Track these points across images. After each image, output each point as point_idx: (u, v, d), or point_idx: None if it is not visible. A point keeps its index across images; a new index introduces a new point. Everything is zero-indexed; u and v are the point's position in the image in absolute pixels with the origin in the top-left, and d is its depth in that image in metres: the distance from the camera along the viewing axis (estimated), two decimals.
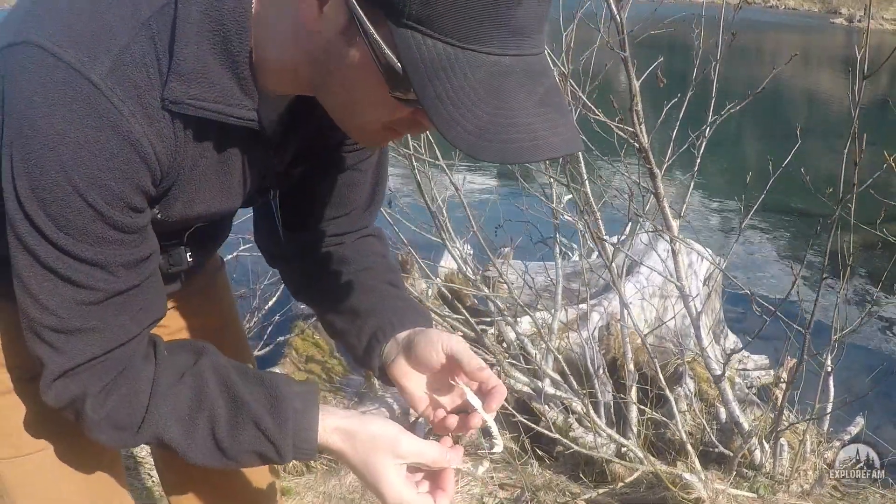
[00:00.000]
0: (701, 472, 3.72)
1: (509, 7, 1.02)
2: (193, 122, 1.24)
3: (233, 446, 1.37)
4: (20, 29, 1.15)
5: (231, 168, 1.37)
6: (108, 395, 1.30)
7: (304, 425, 1.38)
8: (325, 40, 1.14)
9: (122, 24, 1.15)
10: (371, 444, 1.37)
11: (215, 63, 1.20)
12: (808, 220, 11.35)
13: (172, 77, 1.17)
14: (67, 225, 1.17)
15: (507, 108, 1.06)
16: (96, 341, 1.27)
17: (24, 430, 1.52)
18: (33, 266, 1.20)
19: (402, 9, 1.02)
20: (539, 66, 1.11)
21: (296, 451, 1.38)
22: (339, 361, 7.10)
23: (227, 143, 1.32)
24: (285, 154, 1.50)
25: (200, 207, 1.39)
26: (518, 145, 1.06)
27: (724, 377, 4.04)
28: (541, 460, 4.61)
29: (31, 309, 1.23)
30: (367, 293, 1.68)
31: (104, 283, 1.24)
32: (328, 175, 1.65)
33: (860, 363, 6.87)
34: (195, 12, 1.16)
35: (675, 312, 5.85)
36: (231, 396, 1.37)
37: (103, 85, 1.12)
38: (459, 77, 1.04)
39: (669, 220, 3.82)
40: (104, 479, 1.68)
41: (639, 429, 4.62)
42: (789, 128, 16.94)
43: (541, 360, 4.72)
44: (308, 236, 1.74)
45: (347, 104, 1.23)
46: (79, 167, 1.13)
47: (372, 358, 1.60)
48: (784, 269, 10.09)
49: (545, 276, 6.54)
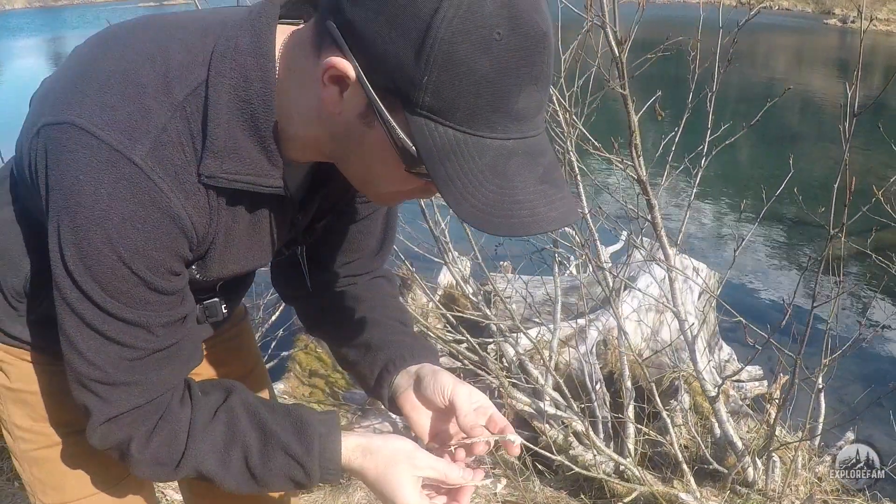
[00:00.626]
0: (696, 491, 3.84)
1: (511, 97, 1.12)
2: (227, 193, 1.33)
3: (265, 474, 1.46)
4: (61, 108, 1.25)
5: (261, 229, 1.46)
6: (150, 437, 1.40)
7: (328, 447, 1.47)
8: (346, 121, 1.23)
9: (159, 106, 1.23)
10: (390, 457, 1.47)
11: (245, 139, 1.29)
12: (802, 229, 11.43)
13: (207, 154, 1.27)
14: (113, 290, 1.26)
15: (511, 187, 1.16)
16: (139, 392, 1.37)
17: (69, 480, 1.64)
18: (80, 326, 1.30)
19: (417, 100, 1.11)
20: (539, 146, 1.21)
21: (322, 471, 1.46)
22: (342, 375, 7.18)
23: (258, 207, 1.41)
24: (310, 212, 1.59)
25: (235, 266, 1.49)
26: (520, 220, 1.16)
27: (719, 398, 4.16)
28: (541, 475, 4.70)
29: (78, 364, 1.33)
30: (379, 328, 1.77)
31: (145, 342, 1.34)
32: (344, 225, 1.75)
33: (849, 374, 6.97)
34: (225, 93, 1.26)
35: (670, 330, 5.94)
36: (261, 429, 1.47)
37: (144, 165, 1.21)
38: (468, 160, 1.14)
39: (667, 248, 3.95)
40: None
41: (635, 446, 4.72)
42: (783, 132, 17.01)
43: (541, 379, 4.82)
44: (323, 277, 1.83)
45: (366, 176, 1.33)
46: (123, 239, 1.23)
47: (382, 388, 1.68)
48: (778, 281, 10.18)
49: (543, 290, 6.63)
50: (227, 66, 1.26)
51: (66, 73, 1.32)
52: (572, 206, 1.24)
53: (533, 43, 1.12)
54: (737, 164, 14.25)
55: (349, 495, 4.20)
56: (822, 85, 26.01)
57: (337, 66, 1.16)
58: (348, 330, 1.79)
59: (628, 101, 3.59)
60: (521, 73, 1.12)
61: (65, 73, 1.33)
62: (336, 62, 1.16)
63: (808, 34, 43.46)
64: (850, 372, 6.92)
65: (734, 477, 4.20)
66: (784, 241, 11.44)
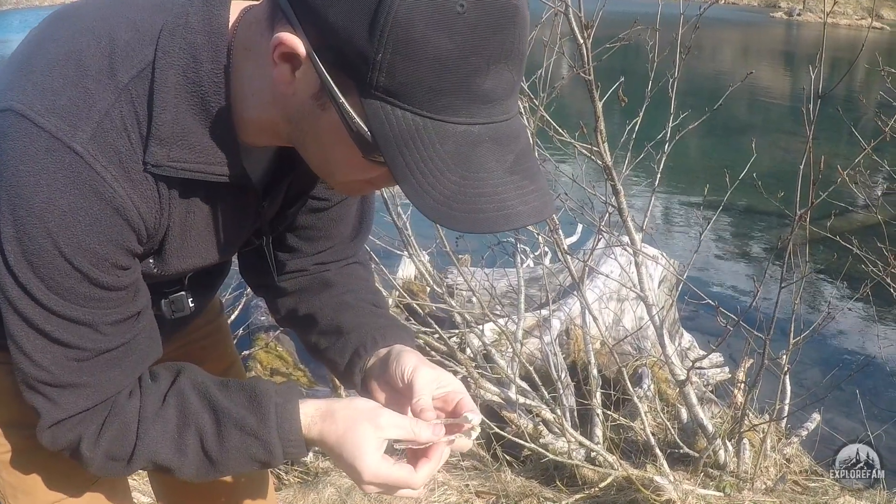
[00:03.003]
0: (670, 475, 3.85)
1: (477, 77, 1.04)
2: (178, 181, 1.26)
3: (222, 455, 1.37)
4: (4, 93, 1.18)
5: (223, 220, 1.39)
6: (100, 434, 1.33)
7: (286, 416, 1.37)
8: (299, 102, 1.16)
9: (102, 90, 1.16)
10: (351, 416, 1.35)
11: (195, 124, 1.22)
12: (756, 218, 11.55)
13: (153, 141, 1.19)
14: (55, 286, 1.19)
15: (476, 177, 1.08)
16: (88, 395, 1.30)
17: (40, 484, 1.56)
18: (24, 326, 1.23)
19: (371, 80, 1.04)
20: (510, 130, 1.12)
21: (284, 443, 1.36)
22: (304, 373, 7.13)
23: (216, 196, 1.34)
24: (277, 199, 1.51)
25: (196, 259, 1.41)
26: (486, 215, 1.09)
27: (689, 382, 4.17)
28: (510, 465, 4.69)
29: (25, 365, 1.26)
30: (350, 312, 1.68)
31: (92, 342, 1.26)
32: (315, 212, 1.66)
33: (807, 358, 7.05)
34: (172, 76, 1.18)
35: (635, 317, 5.98)
36: (213, 407, 1.38)
37: (85, 153, 1.14)
38: (428, 147, 1.06)
39: (633, 234, 3.95)
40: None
41: (604, 433, 4.73)
42: (731, 122, 17.18)
43: (508, 368, 4.82)
44: (295, 265, 1.74)
45: (325, 162, 1.25)
46: (64, 233, 1.15)
47: (353, 374, 1.58)
48: (734, 269, 10.27)
49: (505, 282, 6.64)
50: (175, 45, 1.19)
51: (15, 56, 1.26)
52: (547, 200, 1.16)
53: (502, 16, 1.04)
54: (687, 156, 14.35)
55: (319, 491, 4.15)
56: (769, 76, 26.33)
57: (286, 42, 1.09)
58: (319, 316, 1.71)
59: (592, 86, 3.58)
60: (488, 51, 1.04)
61: (14, 56, 1.26)
62: (285, 37, 1.09)
63: (755, 27, 44.00)
64: (807, 356, 6.98)
65: (705, 460, 4.21)
66: (739, 230, 11.55)
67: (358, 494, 3.96)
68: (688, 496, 3.65)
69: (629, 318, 6.65)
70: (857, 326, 8.17)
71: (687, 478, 4.10)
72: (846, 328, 8.03)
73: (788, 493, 4.07)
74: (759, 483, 4.11)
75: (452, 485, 4.07)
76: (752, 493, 3.92)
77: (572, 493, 4.00)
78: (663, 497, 3.60)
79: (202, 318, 1.92)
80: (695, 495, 3.69)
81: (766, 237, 11.20)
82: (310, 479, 4.45)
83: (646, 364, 5.79)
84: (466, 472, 4.30)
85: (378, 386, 1.51)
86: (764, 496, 3.88)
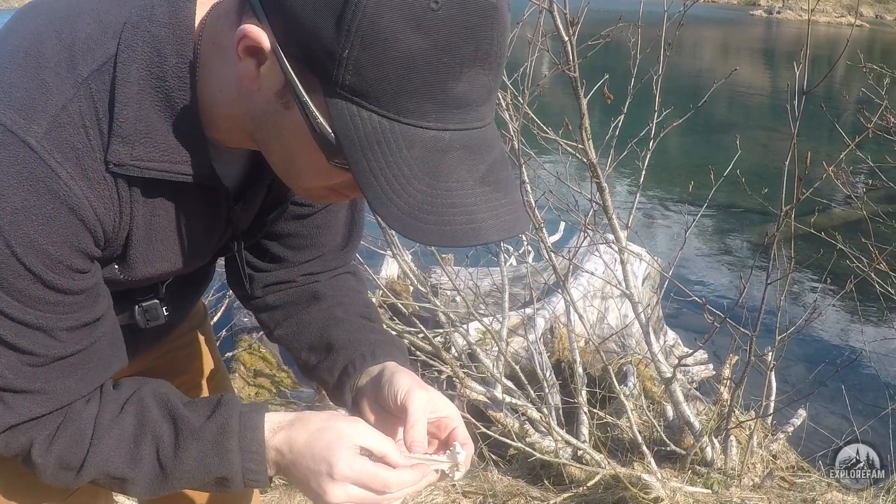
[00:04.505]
0: (657, 472, 3.84)
1: (450, 80, 0.99)
2: (140, 182, 1.20)
3: (176, 465, 1.27)
4: None
5: (191, 224, 1.32)
6: (53, 440, 1.25)
7: (249, 424, 1.28)
8: (264, 100, 1.11)
9: (60, 84, 1.11)
10: (326, 418, 1.28)
11: (159, 121, 1.16)
12: (739, 215, 11.56)
13: (115, 140, 1.13)
14: (8, 287, 1.13)
15: (444, 187, 1.03)
16: (42, 401, 1.23)
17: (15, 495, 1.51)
18: None
19: (336, 78, 0.99)
20: (484, 139, 1.07)
21: (243, 454, 1.27)
22: (287, 374, 7.11)
23: (183, 199, 1.27)
24: (254, 204, 1.45)
25: (164, 265, 1.34)
26: (453, 228, 1.03)
27: (675, 380, 4.17)
28: (496, 465, 4.68)
29: None
30: (341, 327, 1.59)
31: (46, 348, 1.19)
32: (298, 219, 1.58)
33: (795, 353, 7.07)
34: (135, 70, 1.13)
35: (619, 315, 5.97)
36: (173, 417, 1.30)
37: (40, 148, 1.09)
38: (395, 152, 1.01)
39: (618, 231, 3.94)
40: None
41: (590, 431, 4.72)
42: (711, 120, 17.25)
43: (493, 367, 4.80)
44: (282, 276, 1.65)
45: (288, 166, 1.20)
46: (16, 232, 1.09)
47: (343, 392, 1.50)
48: (720, 265, 10.29)
49: (489, 281, 6.63)
50: (139, 38, 1.13)
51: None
52: (520, 215, 1.10)
53: (479, 16, 0.98)
54: (668, 153, 14.37)
55: None
56: (749, 74, 26.44)
57: (250, 35, 1.04)
58: (308, 332, 1.63)
59: (577, 83, 3.56)
60: (462, 52, 0.98)
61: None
62: (249, 30, 1.04)
63: (735, 25, 44.20)
64: (791, 352, 7.00)
65: (692, 457, 4.21)
66: (720, 227, 11.58)
67: None
68: (676, 493, 3.64)
69: (613, 315, 6.64)
70: (841, 322, 8.21)
71: (674, 475, 4.10)
72: (829, 324, 8.06)
73: (776, 490, 4.07)
74: (746, 480, 4.11)
75: (439, 485, 4.04)
76: (740, 489, 3.92)
77: (560, 491, 3.99)
78: (651, 495, 3.59)
79: (185, 325, 1.86)
80: (683, 493, 3.68)
81: (748, 234, 11.24)
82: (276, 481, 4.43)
83: (631, 362, 5.79)
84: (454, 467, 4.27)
85: (370, 406, 1.44)
86: (752, 493, 3.87)
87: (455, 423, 1.35)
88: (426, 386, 1.37)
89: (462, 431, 1.35)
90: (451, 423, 1.35)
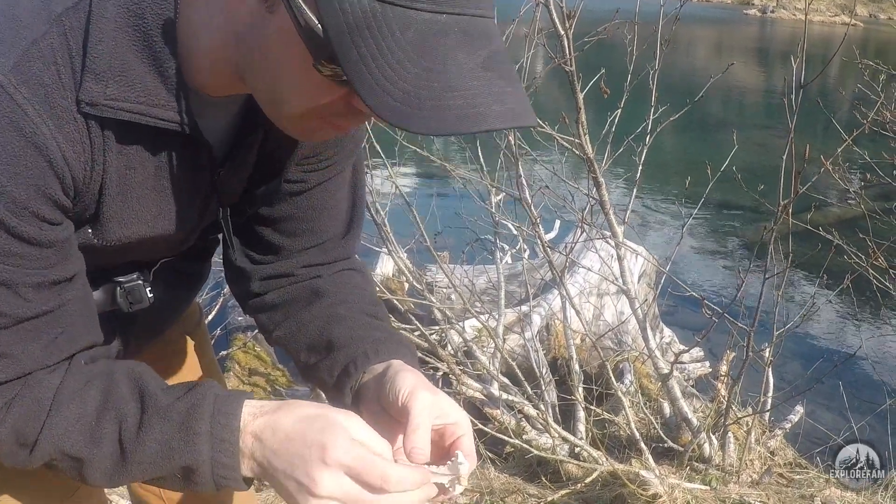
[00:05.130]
0: (655, 469, 3.82)
1: None
2: (114, 127, 1.13)
3: (137, 447, 1.14)
4: None
5: (172, 184, 1.24)
6: (9, 409, 1.15)
7: (224, 410, 1.14)
8: (248, 12, 1.06)
9: (32, 19, 1.06)
10: (316, 406, 1.15)
11: (135, 60, 1.10)
12: (733, 212, 11.58)
13: (87, 76, 1.07)
14: None
15: (443, 69, 0.96)
16: (2, 366, 1.14)
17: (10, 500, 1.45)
18: None
19: None
20: (484, 28, 0.99)
21: (213, 442, 1.13)
22: (282, 372, 7.08)
23: (162, 154, 1.20)
24: (243, 170, 1.36)
25: (141, 228, 1.26)
26: (455, 112, 0.95)
27: (672, 376, 4.15)
28: (493, 462, 4.66)
29: None
30: (343, 325, 1.46)
31: (9, 306, 1.11)
32: (292, 196, 1.47)
33: (791, 349, 7.07)
34: (112, 7, 1.07)
35: (616, 311, 5.95)
36: (141, 394, 1.17)
37: (6, 81, 1.03)
38: (387, 36, 0.94)
39: (615, 227, 3.93)
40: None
41: (587, 428, 4.71)
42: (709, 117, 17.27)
43: (489, 364, 4.79)
44: (281, 268, 1.54)
45: (274, 87, 1.12)
46: None
47: (343, 394, 1.37)
48: (714, 261, 10.29)
49: (484, 278, 6.61)
50: None
51: None
52: (528, 106, 1.01)
53: None
54: (661, 150, 14.37)
55: None
56: (743, 72, 26.47)
57: None
58: (308, 330, 1.49)
59: (574, 78, 3.55)
60: None
61: None
62: None
63: (729, 24, 44.27)
64: (787, 349, 6.99)
65: (690, 454, 4.20)
66: (714, 224, 11.57)
67: None
68: (674, 490, 3.63)
69: (609, 312, 6.63)
70: (836, 318, 8.20)
71: (672, 472, 4.08)
72: (825, 320, 8.06)
73: (774, 486, 4.06)
74: (744, 476, 4.10)
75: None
76: (739, 486, 3.91)
77: (557, 488, 3.97)
78: (650, 491, 3.57)
79: (177, 329, 1.78)
80: (681, 489, 3.67)
81: (742, 231, 11.24)
82: None
83: (627, 359, 5.77)
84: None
85: (370, 408, 1.31)
86: (750, 489, 3.86)
87: (462, 431, 1.21)
88: (433, 388, 1.23)
89: (468, 443, 1.21)
90: (458, 432, 1.21)
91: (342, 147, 1.45)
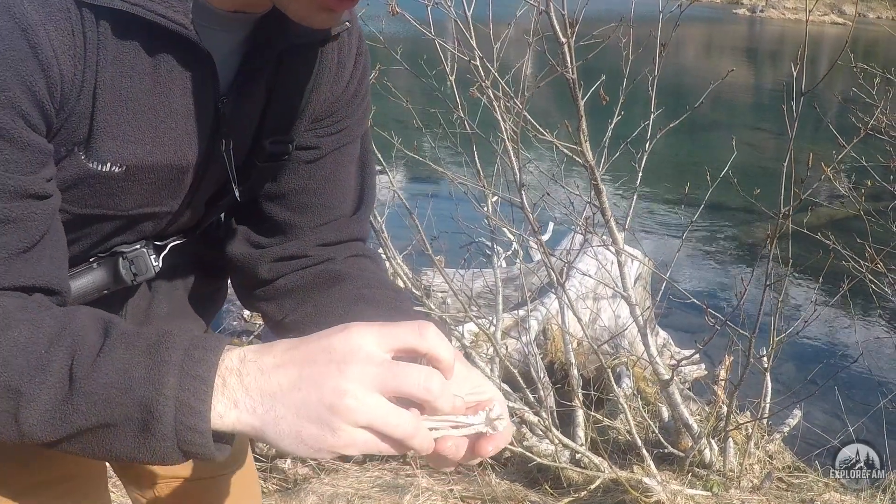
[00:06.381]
0: (657, 475, 3.83)
1: None
2: (108, 18, 1.05)
3: (90, 375, 0.92)
4: None
5: (170, 100, 1.17)
6: None
7: (202, 344, 0.94)
8: None
9: None
10: (335, 327, 0.95)
11: None
12: (729, 214, 11.59)
13: None
14: None
15: None
16: None
17: None
18: None
19: None
20: None
21: (182, 376, 0.91)
22: None
23: (160, 63, 1.13)
24: (249, 104, 1.29)
25: (138, 148, 1.16)
26: None
27: (673, 382, 4.16)
28: (493, 469, 4.67)
29: None
30: (370, 306, 1.34)
31: None
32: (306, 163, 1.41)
33: (787, 353, 7.08)
34: None
35: (613, 316, 5.95)
36: (106, 326, 0.98)
37: None
38: None
39: (615, 233, 3.93)
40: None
41: (586, 433, 4.71)
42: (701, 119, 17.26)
43: (488, 369, 4.79)
44: (294, 249, 1.45)
45: None
46: None
47: None
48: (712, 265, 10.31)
49: (481, 282, 6.60)
50: None
51: None
52: None
53: None
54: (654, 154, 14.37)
55: (301, 500, 4.11)
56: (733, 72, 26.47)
57: None
58: (331, 313, 1.36)
59: (575, 85, 3.55)
60: None
61: None
62: None
63: (718, 24, 44.38)
64: (784, 353, 7.02)
65: (691, 459, 4.20)
66: (710, 228, 11.57)
67: (341, 501, 3.91)
68: (676, 496, 3.64)
69: (606, 316, 6.63)
70: (834, 323, 8.21)
71: (673, 478, 4.09)
72: (822, 324, 8.07)
73: (774, 491, 4.07)
74: (745, 481, 4.11)
75: (436, 490, 4.03)
76: (740, 491, 3.92)
77: (559, 495, 3.98)
78: (652, 498, 3.58)
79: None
80: (683, 495, 3.68)
81: (737, 234, 11.25)
82: (290, 486, 4.40)
83: (626, 363, 5.78)
84: (450, 476, 4.26)
85: None
86: (751, 494, 3.88)
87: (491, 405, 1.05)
88: (466, 363, 1.10)
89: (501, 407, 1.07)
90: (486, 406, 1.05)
91: (353, 110, 1.42)
